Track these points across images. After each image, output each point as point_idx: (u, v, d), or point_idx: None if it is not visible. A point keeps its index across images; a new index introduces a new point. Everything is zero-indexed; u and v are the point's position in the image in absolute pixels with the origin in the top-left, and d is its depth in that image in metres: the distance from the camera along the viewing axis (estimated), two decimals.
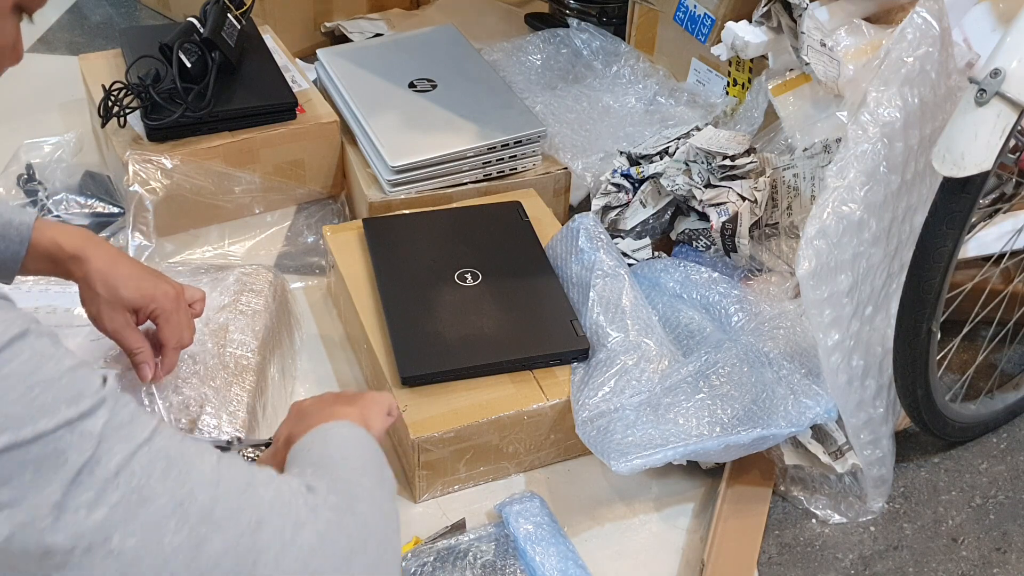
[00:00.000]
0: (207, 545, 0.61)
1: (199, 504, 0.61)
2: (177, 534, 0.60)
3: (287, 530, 0.64)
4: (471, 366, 1.18)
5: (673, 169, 1.40)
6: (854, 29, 1.41)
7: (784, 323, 1.24)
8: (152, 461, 0.60)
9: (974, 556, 1.16)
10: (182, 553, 0.60)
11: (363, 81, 1.61)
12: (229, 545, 0.61)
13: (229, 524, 0.62)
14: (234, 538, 0.62)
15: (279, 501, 0.65)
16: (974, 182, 0.98)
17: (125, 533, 0.58)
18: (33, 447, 0.55)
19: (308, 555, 0.64)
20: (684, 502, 1.20)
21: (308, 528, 0.65)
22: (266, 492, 0.65)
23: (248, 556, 0.62)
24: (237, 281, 1.26)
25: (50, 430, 0.56)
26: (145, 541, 0.59)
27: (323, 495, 0.68)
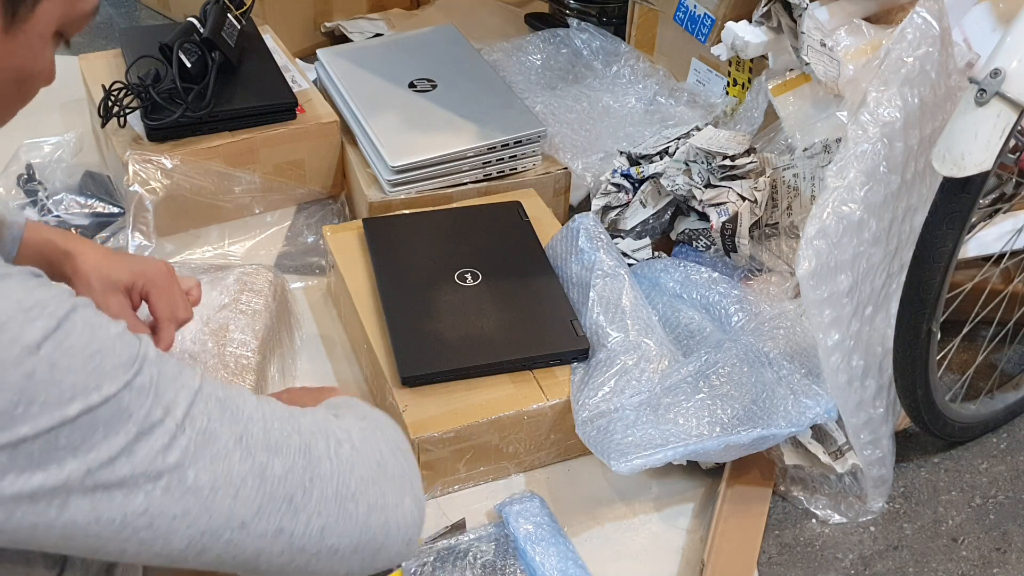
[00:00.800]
0: (269, 469, 0.68)
1: (255, 436, 0.68)
2: (243, 463, 0.66)
3: (331, 448, 0.72)
4: (471, 366, 1.18)
5: (673, 169, 1.40)
6: (854, 29, 1.41)
7: (784, 323, 1.24)
8: (208, 405, 0.66)
9: (974, 556, 1.16)
10: (251, 479, 0.67)
11: (363, 81, 1.61)
12: (288, 466, 0.69)
13: (284, 449, 0.69)
14: (291, 460, 0.69)
15: (317, 426, 0.73)
16: (974, 182, 0.98)
17: (199, 469, 0.64)
18: (101, 409, 0.60)
19: (350, 467, 0.72)
20: (684, 502, 1.20)
21: (345, 445, 0.73)
22: (304, 420, 0.73)
23: (305, 474, 0.69)
24: (237, 281, 1.26)
25: (114, 392, 0.61)
26: (217, 474, 0.65)
27: (349, 419, 0.77)
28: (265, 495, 0.67)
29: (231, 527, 0.66)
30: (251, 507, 0.67)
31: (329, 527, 0.71)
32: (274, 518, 0.68)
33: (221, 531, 0.66)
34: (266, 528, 0.68)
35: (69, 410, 0.59)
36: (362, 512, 0.73)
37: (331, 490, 0.71)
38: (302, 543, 0.70)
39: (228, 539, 0.67)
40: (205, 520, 0.65)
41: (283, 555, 0.69)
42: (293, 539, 0.69)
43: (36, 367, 0.58)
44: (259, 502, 0.67)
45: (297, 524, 0.69)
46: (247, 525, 0.67)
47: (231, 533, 0.67)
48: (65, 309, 0.60)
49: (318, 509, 0.70)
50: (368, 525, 0.73)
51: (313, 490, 0.70)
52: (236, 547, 0.67)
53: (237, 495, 0.66)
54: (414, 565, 1.06)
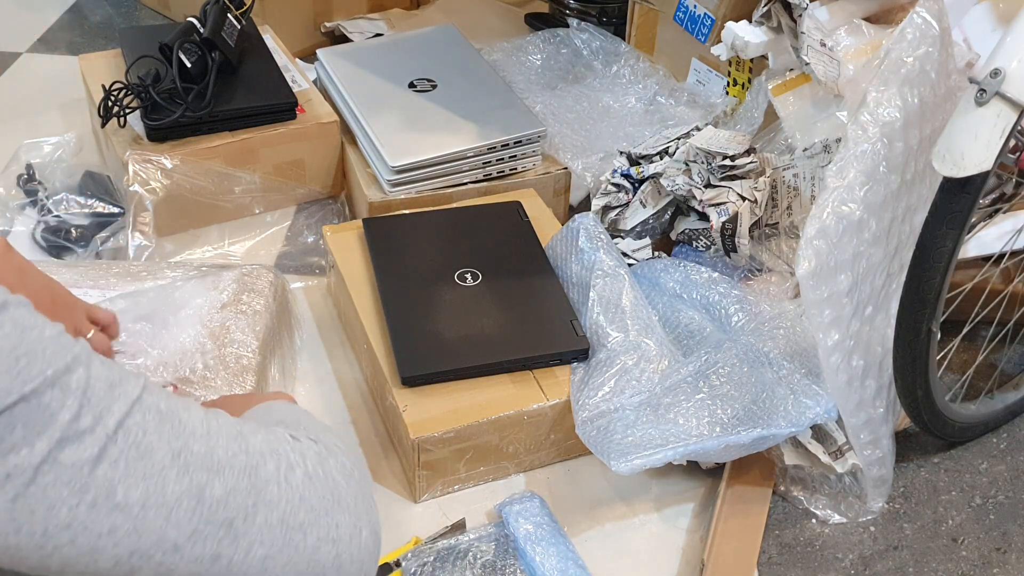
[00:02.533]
0: (208, 490, 0.63)
1: (195, 453, 0.64)
2: (178, 483, 0.62)
3: (281, 471, 0.68)
4: (471, 366, 1.18)
5: (673, 169, 1.40)
6: (854, 29, 1.41)
7: (784, 323, 1.24)
8: (146, 417, 0.62)
9: (974, 556, 1.16)
10: (186, 500, 0.62)
11: (363, 81, 1.61)
12: (229, 488, 0.64)
13: (227, 469, 0.65)
14: (233, 482, 0.65)
15: (269, 447, 0.69)
16: (974, 182, 0.98)
17: (129, 485, 0.60)
18: (20, 406, 0.57)
19: (300, 495, 0.68)
20: (684, 502, 1.20)
21: (298, 470, 0.69)
22: (255, 439, 0.68)
23: (248, 497, 0.65)
24: (237, 281, 1.26)
25: (35, 389, 0.57)
26: (149, 492, 0.61)
27: (305, 442, 0.72)
28: (201, 518, 0.63)
29: (163, 549, 0.62)
30: (185, 529, 0.63)
31: (272, 557, 0.66)
32: (211, 543, 0.64)
33: (152, 552, 0.62)
34: (201, 553, 0.64)
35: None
36: (311, 544, 0.68)
37: (276, 518, 0.67)
38: (242, 571, 0.65)
39: (159, 561, 0.63)
40: (134, 540, 0.61)
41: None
42: (231, 567, 0.65)
43: None
44: (194, 525, 0.63)
45: (237, 551, 0.65)
46: (180, 548, 0.63)
47: (162, 555, 0.63)
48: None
49: (260, 537, 0.66)
50: (317, 559, 0.69)
51: (256, 516, 0.66)
52: (169, 570, 0.63)
53: (170, 516, 0.62)
54: (414, 565, 1.06)
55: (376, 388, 1.27)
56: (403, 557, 1.08)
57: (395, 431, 1.21)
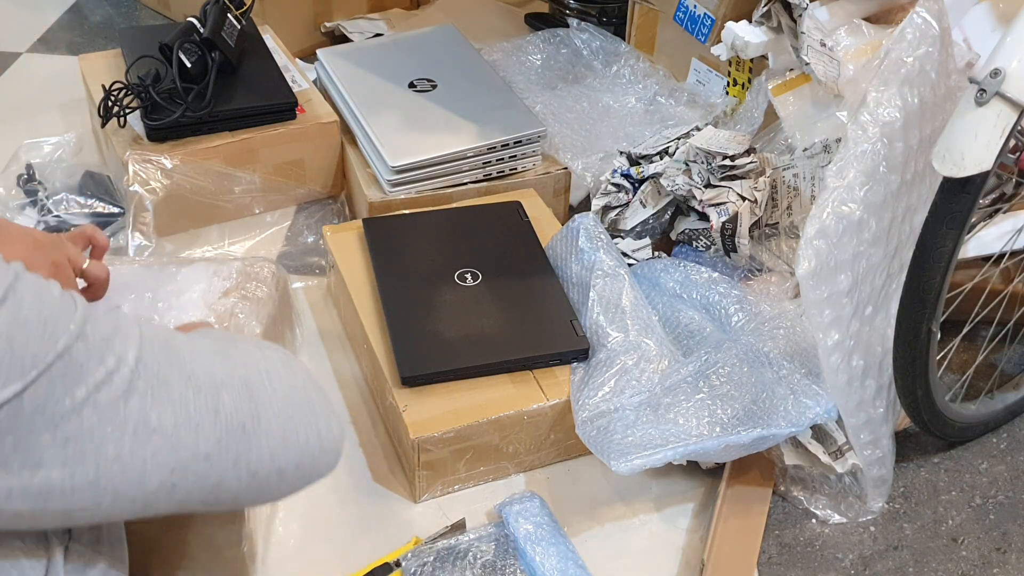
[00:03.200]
0: (220, 404, 0.71)
1: (200, 375, 0.72)
2: (196, 401, 0.70)
3: (263, 379, 0.77)
4: (471, 366, 1.18)
5: (673, 169, 1.40)
6: (854, 29, 1.41)
7: (784, 323, 1.24)
8: (153, 348, 0.69)
9: (974, 556, 1.16)
10: (207, 415, 0.70)
11: (363, 81, 1.61)
12: (234, 398, 0.73)
13: (227, 384, 0.73)
14: (235, 393, 0.73)
15: (248, 359, 0.78)
16: (974, 182, 0.98)
17: (160, 412, 0.68)
18: (57, 365, 0.62)
19: (283, 394, 0.77)
20: (684, 502, 1.20)
21: (274, 374, 0.78)
22: (235, 354, 0.77)
23: (250, 404, 0.74)
24: (240, 271, 1.26)
25: (66, 347, 0.63)
26: (176, 414, 0.68)
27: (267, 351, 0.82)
28: (221, 427, 0.71)
29: (197, 460, 0.70)
30: (212, 440, 0.70)
31: (276, 449, 0.75)
32: (232, 448, 0.72)
33: (188, 465, 0.69)
34: (226, 457, 0.71)
35: (29, 376, 0.61)
36: (301, 432, 0.77)
37: (273, 415, 0.75)
38: (256, 467, 0.74)
39: (196, 472, 0.70)
40: (173, 458, 0.68)
41: (240, 481, 0.73)
42: (249, 465, 0.73)
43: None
44: (218, 434, 0.71)
45: (251, 450, 0.73)
46: (210, 457, 0.71)
47: (197, 466, 0.70)
48: (9, 279, 0.61)
49: (267, 434, 0.74)
50: (307, 443, 0.78)
51: (259, 417, 0.74)
52: (202, 479, 0.71)
53: (198, 430, 0.70)
54: (414, 565, 1.06)
55: (376, 388, 1.27)
56: (403, 557, 1.08)
57: (395, 431, 1.21)
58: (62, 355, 0.62)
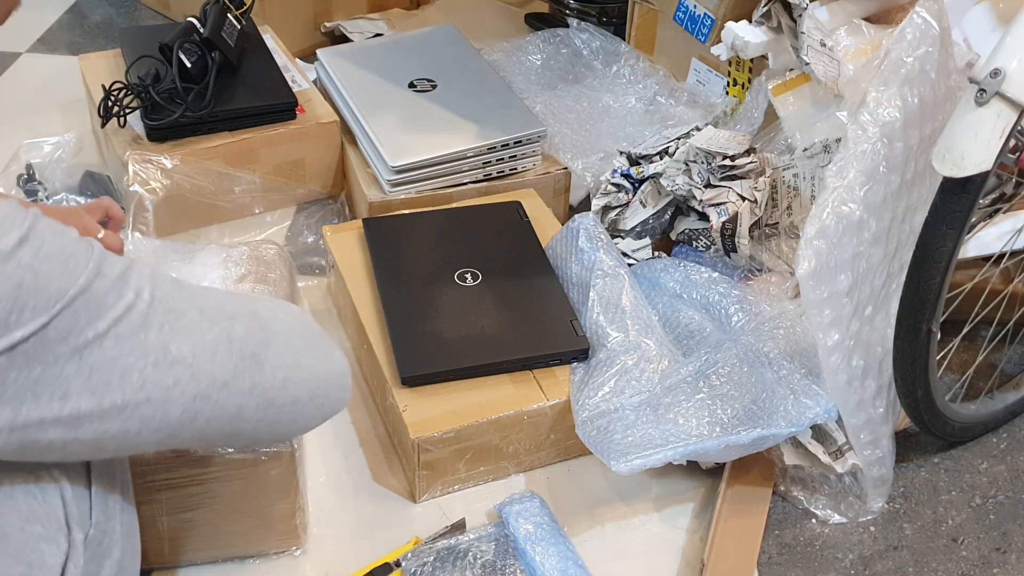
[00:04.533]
0: (233, 333, 0.75)
1: (212, 308, 0.75)
2: (211, 332, 0.74)
3: (271, 312, 0.81)
4: (471, 366, 1.18)
5: (673, 169, 1.40)
6: (854, 29, 1.41)
7: (784, 323, 1.24)
8: (166, 286, 0.73)
9: (974, 556, 1.16)
10: (221, 343, 0.74)
11: (363, 81, 1.61)
12: (246, 329, 0.76)
13: (238, 315, 0.77)
14: (246, 323, 0.77)
15: (253, 298, 0.83)
16: (974, 182, 0.98)
17: (178, 343, 0.71)
18: (80, 299, 0.66)
19: (290, 327, 0.81)
20: (684, 502, 1.20)
21: (280, 311, 0.82)
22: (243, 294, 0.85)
23: (261, 333, 0.77)
24: (250, 257, 1.27)
25: (88, 283, 0.66)
26: (193, 343, 0.72)
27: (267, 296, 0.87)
28: (236, 354, 0.75)
29: (215, 387, 0.73)
30: (228, 367, 0.74)
31: (290, 378, 0.79)
32: (247, 375, 0.75)
33: (208, 393, 0.73)
34: (242, 384, 0.75)
35: (53, 310, 0.65)
36: (311, 362, 0.81)
37: (283, 346, 0.79)
38: (271, 395, 0.77)
39: (215, 400, 0.74)
40: (194, 386, 0.72)
41: (257, 410, 0.77)
42: (264, 392, 0.77)
43: (23, 277, 0.63)
44: (234, 361, 0.74)
45: (264, 377, 0.77)
46: (228, 384, 0.74)
47: (216, 394, 0.74)
48: (30, 219, 0.65)
49: (279, 362, 0.78)
50: (317, 373, 0.82)
51: (270, 346, 0.78)
52: (222, 408, 0.74)
53: (215, 359, 0.73)
54: (414, 565, 1.06)
55: (376, 388, 1.27)
56: (403, 557, 1.08)
57: (395, 431, 1.21)
58: (84, 290, 0.66)
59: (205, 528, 1.05)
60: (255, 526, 1.07)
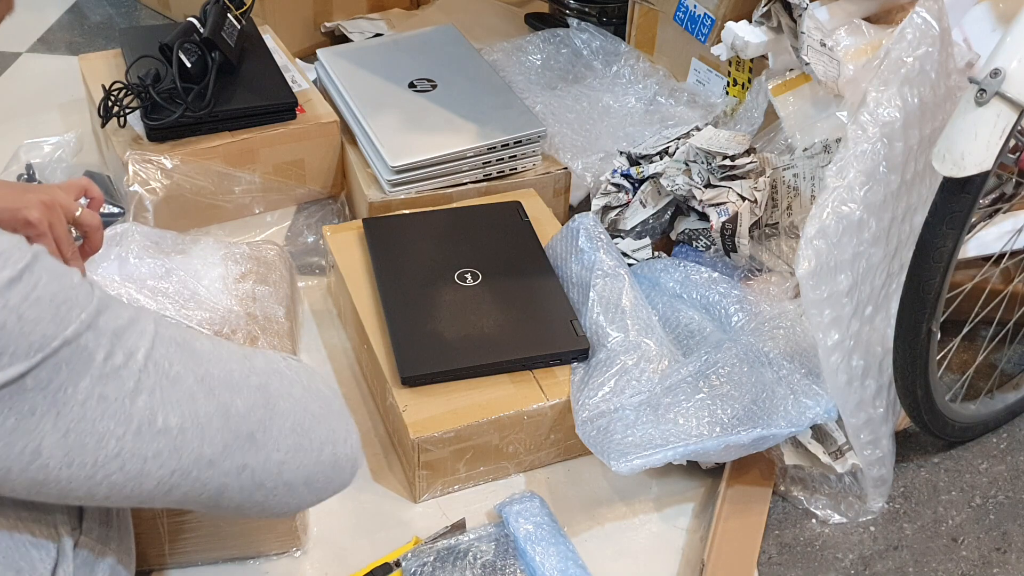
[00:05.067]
0: (232, 408, 0.70)
1: (215, 376, 0.70)
2: (207, 404, 0.69)
3: (284, 387, 0.75)
4: (471, 366, 1.18)
5: (673, 169, 1.40)
6: (854, 29, 1.41)
7: (784, 323, 1.24)
8: (168, 348, 0.68)
9: (974, 556, 1.16)
10: (216, 418, 0.69)
11: (363, 81, 1.61)
12: (248, 405, 0.71)
13: (243, 388, 0.72)
14: (251, 398, 0.72)
15: (270, 366, 0.76)
16: (974, 182, 0.98)
17: (167, 412, 0.67)
18: (64, 351, 0.62)
19: (303, 405, 0.76)
20: (684, 502, 1.20)
21: (296, 385, 0.77)
22: (257, 360, 0.76)
23: (264, 411, 0.73)
24: (250, 256, 1.27)
25: (76, 334, 0.62)
26: (184, 415, 0.67)
27: (292, 361, 0.81)
28: (230, 432, 0.70)
29: (199, 466, 0.69)
30: (217, 445, 0.69)
31: (287, 462, 0.74)
32: (238, 455, 0.71)
33: (190, 470, 0.69)
34: (231, 465, 0.71)
35: (34, 359, 0.61)
36: (315, 447, 0.76)
37: (288, 427, 0.74)
38: (262, 478, 0.73)
39: (196, 477, 0.69)
40: (175, 460, 0.67)
41: (243, 491, 0.72)
42: (255, 475, 0.72)
43: (6, 320, 0.59)
44: (225, 440, 0.70)
45: (258, 459, 0.72)
46: (214, 463, 0.70)
47: (199, 471, 0.69)
48: (27, 259, 0.61)
49: (277, 445, 0.73)
50: (321, 459, 0.77)
51: (272, 427, 0.73)
52: (203, 485, 0.70)
53: (204, 434, 0.69)
54: (414, 565, 1.06)
55: (376, 388, 1.27)
56: (403, 557, 1.08)
57: (395, 431, 1.21)
58: (70, 341, 0.62)
59: (205, 529, 1.05)
60: (255, 527, 1.07)
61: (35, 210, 0.90)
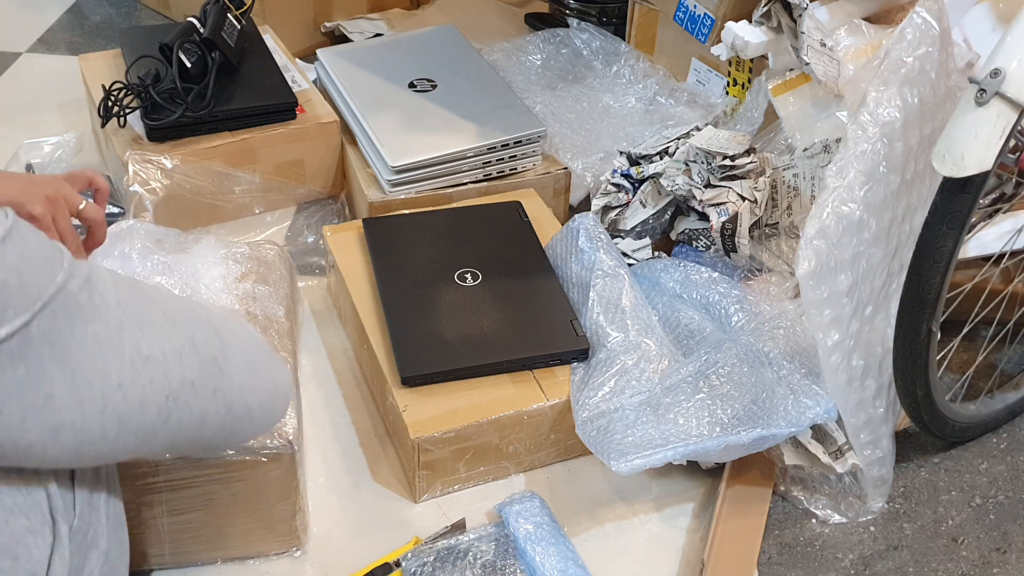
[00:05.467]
0: (195, 337, 0.77)
1: (174, 311, 0.77)
2: (176, 334, 0.75)
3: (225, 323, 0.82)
4: (471, 366, 1.18)
5: (673, 169, 1.40)
6: (854, 29, 1.41)
7: (784, 323, 1.24)
8: (128, 291, 0.74)
9: (974, 556, 1.16)
10: (187, 346, 0.76)
11: (363, 81, 1.61)
12: (206, 336, 0.78)
13: (197, 322, 0.78)
14: (206, 330, 0.78)
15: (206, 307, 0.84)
16: (974, 182, 0.98)
17: (149, 342, 0.72)
18: (57, 299, 0.67)
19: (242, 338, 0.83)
20: (684, 502, 1.20)
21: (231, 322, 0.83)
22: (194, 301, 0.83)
23: (219, 341, 0.79)
24: (250, 256, 1.27)
25: (62, 284, 0.68)
26: (163, 344, 0.73)
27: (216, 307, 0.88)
28: (199, 359, 0.76)
29: (185, 389, 0.75)
30: (195, 368, 0.76)
31: (245, 386, 0.81)
32: (211, 379, 0.77)
33: (179, 393, 0.74)
34: (207, 387, 0.77)
35: (35, 307, 0.66)
36: (263, 372, 0.83)
37: (239, 355, 0.81)
38: (230, 401, 0.79)
39: (185, 402, 0.75)
40: (167, 385, 0.73)
41: (217, 415, 0.78)
42: (225, 397, 0.79)
43: (6, 277, 0.64)
44: (198, 363, 0.76)
45: (225, 382, 0.78)
46: (196, 385, 0.76)
47: (186, 395, 0.75)
48: (9, 222, 0.66)
49: (236, 369, 0.80)
50: (267, 384, 0.84)
51: (228, 354, 0.79)
52: (190, 410, 0.76)
53: (182, 359, 0.75)
54: (414, 565, 1.06)
55: (376, 388, 1.27)
56: (403, 557, 1.08)
57: (395, 431, 1.21)
58: (61, 289, 0.67)
59: (206, 529, 1.05)
60: (255, 527, 1.07)
61: (39, 205, 0.92)
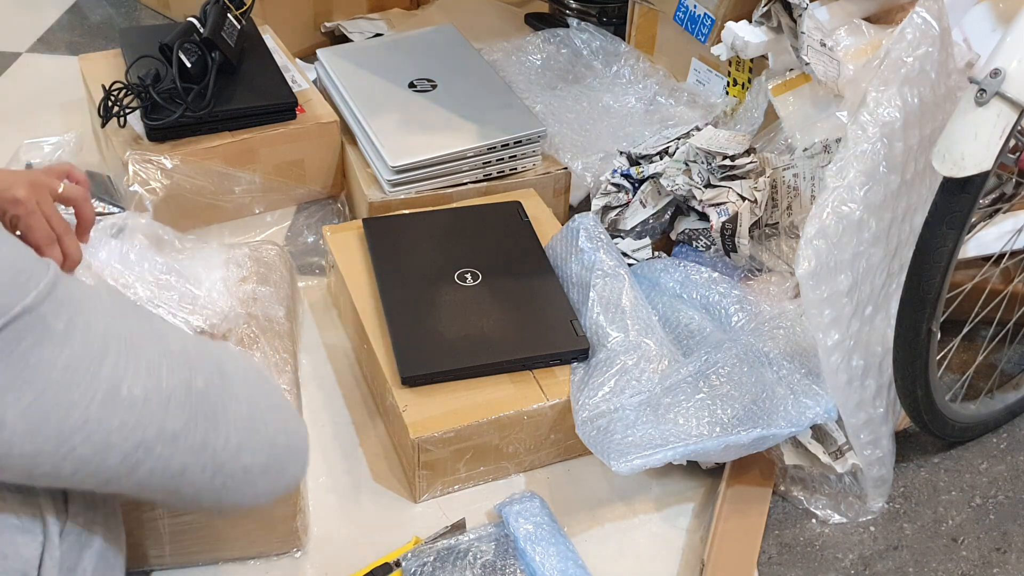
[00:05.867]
0: (193, 383, 0.71)
1: (175, 352, 0.71)
2: (170, 377, 0.69)
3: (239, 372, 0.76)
4: (471, 366, 1.18)
5: (673, 169, 1.40)
6: (854, 29, 1.41)
7: (784, 323, 1.24)
8: (126, 320, 0.68)
9: (974, 556, 1.16)
10: (178, 391, 0.69)
11: (363, 81, 1.61)
12: (207, 383, 0.72)
13: (201, 365, 0.72)
14: (208, 377, 0.72)
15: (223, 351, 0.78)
16: (974, 182, 0.98)
17: (131, 382, 0.66)
18: (24, 319, 0.61)
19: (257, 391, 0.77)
20: (684, 502, 1.20)
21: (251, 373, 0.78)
22: (211, 344, 0.77)
23: (223, 391, 0.73)
24: (251, 258, 1.27)
25: (34, 303, 0.62)
26: (147, 386, 0.67)
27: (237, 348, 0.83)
28: (191, 407, 0.70)
29: (163, 440, 0.68)
30: (180, 419, 0.69)
31: (244, 445, 0.74)
32: (200, 432, 0.70)
33: (154, 444, 0.68)
34: (193, 442, 0.70)
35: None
36: (271, 433, 0.77)
37: (245, 410, 0.74)
38: (222, 459, 0.72)
39: (160, 453, 0.68)
40: (139, 433, 0.67)
41: (204, 473, 0.72)
42: (215, 455, 0.72)
43: None
44: (187, 414, 0.69)
45: (218, 438, 0.72)
46: (177, 438, 0.69)
47: (163, 446, 0.68)
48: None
49: (235, 426, 0.73)
50: (276, 445, 0.77)
51: (229, 407, 0.73)
52: (165, 462, 0.69)
53: (167, 407, 0.68)
54: (414, 565, 1.06)
55: (376, 388, 1.27)
56: (403, 557, 1.08)
57: (395, 431, 1.21)
58: (30, 310, 0.61)
59: (206, 530, 1.05)
60: (255, 528, 1.07)
61: (22, 188, 0.90)
